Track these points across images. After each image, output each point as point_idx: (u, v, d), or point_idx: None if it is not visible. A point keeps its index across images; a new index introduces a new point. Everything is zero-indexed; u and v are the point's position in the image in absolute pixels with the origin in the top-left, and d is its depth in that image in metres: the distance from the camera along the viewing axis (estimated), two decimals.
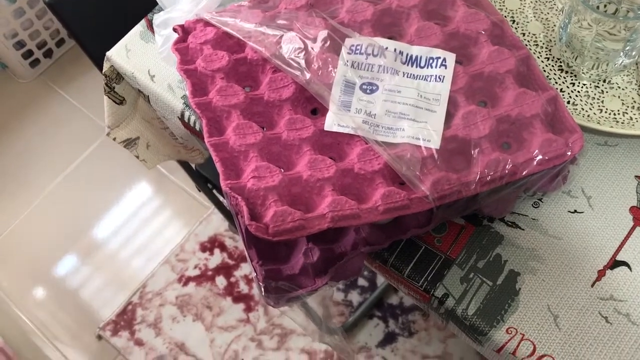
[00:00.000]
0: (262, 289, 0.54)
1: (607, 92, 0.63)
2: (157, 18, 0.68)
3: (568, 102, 0.63)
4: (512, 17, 0.68)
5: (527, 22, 0.68)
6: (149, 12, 0.78)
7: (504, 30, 0.60)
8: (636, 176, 0.60)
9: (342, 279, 0.57)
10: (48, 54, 1.82)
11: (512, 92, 0.56)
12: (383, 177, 0.54)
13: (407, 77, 0.58)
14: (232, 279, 1.42)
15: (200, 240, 1.49)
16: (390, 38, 0.59)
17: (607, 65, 0.61)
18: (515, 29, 0.67)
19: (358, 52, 0.58)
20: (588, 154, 0.61)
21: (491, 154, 0.53)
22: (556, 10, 0.68)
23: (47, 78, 1.82)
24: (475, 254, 0.58)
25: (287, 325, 1.33)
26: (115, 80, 0.80)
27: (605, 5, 0.61)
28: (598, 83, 0.63)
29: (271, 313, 1.35)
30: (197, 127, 0.70)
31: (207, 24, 0.62)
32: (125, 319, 1.41)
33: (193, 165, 1.08)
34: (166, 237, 1.51)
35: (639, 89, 0.63)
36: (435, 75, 0.57)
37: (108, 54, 0.77)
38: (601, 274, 0.56)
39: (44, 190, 1.62)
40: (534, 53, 0.66)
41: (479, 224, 0.59)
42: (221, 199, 1.20)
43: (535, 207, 0.59)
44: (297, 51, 0.57)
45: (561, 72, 0.65)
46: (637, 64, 0.64)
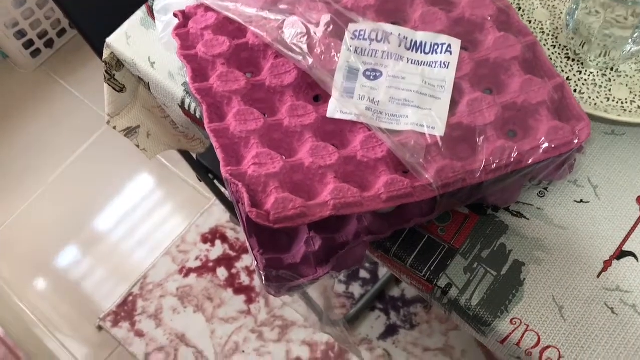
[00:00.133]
0: (263, 278, 0.54)
1: (614, 80, 0.62)
2: (158, 4, 0.67)
3: (575, 91, 0.61)
4: (518, 4, 0.67)
5: (534, 10, 0.66)
6: None
7: (510, 17, 0.59)
8: None
9: (343, 268, 0.57)
10: (49, 44, 1.81)
11: (518, 79, 0.55)
12: (386, 165, 0.53)
13: (412, 63, 0.57)
14: (234, 271, 1.42)
15: (202, 232, 1.48)
16: (394, 24, 0.58)
17: (614, 52, 0.60)
18: (522, 16, 0.66)
19: (362, 37, 0.57)
20: (595, 143, 0.60)
21: (496, 142, 0.52)
22: None
23: (48, 68, 1.81)
24: (480, 243, 0.57)
25: (288, 317, 1.32)
26: (115, 68, 0.79)
27: None
28: (605, 71, 0.62)
29: (272, 305, 1.34)
30: (198, 114, 0.69)
31: (208, 9, 0.61)
32: (125, 310, 1.40)
33: (194, 155, 1.08)
34: (167, 228, 1.50)
35: None
36: (440, 62, 0.56)
37: (108, 40, 0.76)
38: (607, 264, 0.55)
39: (45, 181, 1.62)
40: (540, 41, 0.65)
41: (483, 213, 0.58)
42: (222, 189, 1.19)
43: (541, 197, 0.58)
44: (300, 36, 0.56)
45: (568, 60, 0.64)
46: None
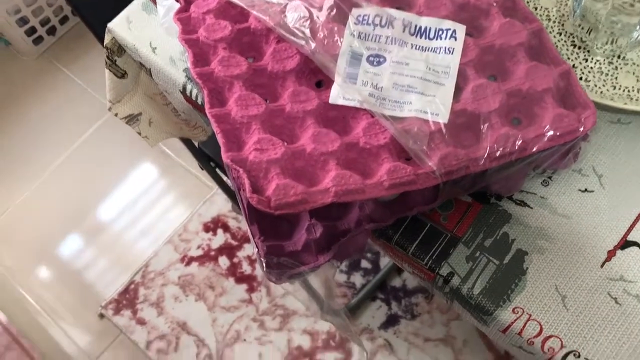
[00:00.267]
0: (264, 265, 0.53)
1: (621, 68, 0.61)
2: None
3: (580, 79, 0.61)
4: None
5: None
6: None
7: (516, 3, 0.58)
8: None
9: (345, 256, 0.56)
10: (51, 31, 1.80)
11: (523, 66, 0.54)
12: (389, 152, 0.52)
13: (416, 48, 0.56)
14: (235, 260, 1.42)
15: (204, 221, 1.48)
16: (398, 8, 0.57)
17: (622, 40, 0.59)
18: (528, 2, 0.65)
19: (365, 22, 0.56)
20: (600, 131, 0.59)
21: (501, 129, 0.52)
22: None
23: (50, 56, 1.80)
24: (482, 232, 0.57)
25: (289, 306, 1.32)
26: (116, 53, 0.78)
27: None
28: (612, 59, 0.61)
29: (274, 294, 1.34)
30: (199, 100, 0.69)
31: None
32: (127, 298, 1.40)
33: (196, 143, 1.07)
34: (169, 217, 1.50)
35: None
36: (445, 47, 0.55)
37: (109, 25, 0.75)
38: (611, 254, 0.54)
39: (48, 168, 1.61)
40: (546, 28, 0.64)
41: (486, 202, 0.58)
42: (224, 177, 1.19)
43: (545, 186, 0.58)
44: (302, 20, 0.55)
45: (574, 48, 0.63)
46: None
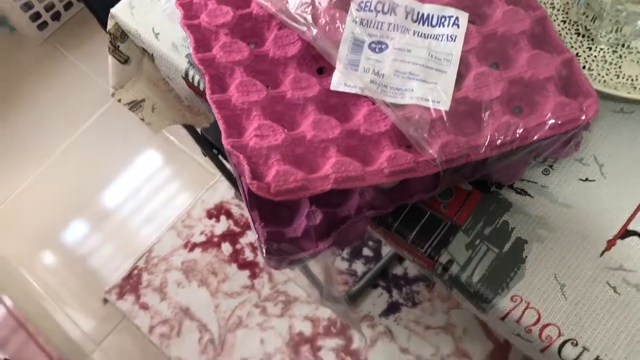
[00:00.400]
0: (264, 251, 0.54)
1: (625, 57, 0.60)
2: None
3: (584, 67, 0.60)
4: None
5: None
6: None
7: None
8: None
9: (345, 243, 0.56)
10: (56, 16, 1.80)
11: (525, 54, 0.54)
12: (390, 140, 0.52)
13: (418, 36, 0.56)
14: (238, 246, 1.42)
15: (207, 207, 1.49)
16: None
17: (626, 28, 0.59)
18: None
19: (367, 9, 0.56)
20: (602, 120, 0.59)
21: (502, 117, 0.52)
22: None
23: (55, 41, 1.80)
24: (482, 220, 0.57)
25: (291, 292, 1.33)
26: (119, 39, 0.78)
27: None
28: (616, 47, 0.61)
29: (276, 280, 1.35)
30: (202, 87, 0.69)
31: None
32: (130, 283, 1.41)
33: (199, 130, 1.07)
34: (173, 203, 1.51)
35: None
36: (447, 35, 0.55)
37: (112, 10, 0.75)
38: (611, 243, 0.54)
39: (52, 154, 1.62)
40: (550, 16, 0.63)
41: (487, 190, 0.58)
42: (227, 164, 1.19)
43: (546, 175, 0.58)
44: (304, 6, 0.55)
45: (578, 36, 0.62)
46: None
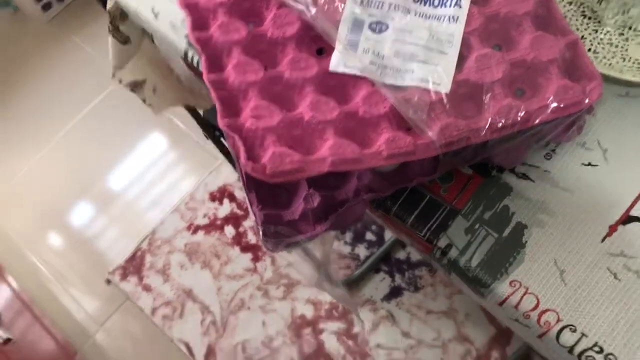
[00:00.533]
0: (261, 233, 0.53)
1: (632, 39, 0.59)
2: None
3: (589, 50, 0.59)
4: None
5: None
6: None
7: None
8: None
9: (343, 226, 0.56)
10: None
11: (528, 36, 0.52)
12: (389, 122, 0.51)
13: (419, 16, 0.55)
14: (241, 229, 1.42)
15: (210, 190, 1.48)
16: None
17: (634, 10, 0.57)
18: None
19: None
20: (607, 104, 0.58)
21: (503, 100, 0.51)
22: None
23: (59, 22, 1.79)
24: (482, 205, 0.56)
25: (293, 275, 1.33)
26: (119, 19, 0.77)
27: None
28: (623, 30, 0.60)
29: (278, 263, 1.35)
30: (201, 68, 0.68)
31: None
32: (134, 265, 1.42)
33: (200, 112, 1.07)
34: (176, 185, 1.51)
35: None
36: (449, 16, 0.54)
37: None
38: (613, 229, 0.53)
39: (56, 135, 1.62)
40: None
41: (487, 174, 0.57)
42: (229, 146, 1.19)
43: (548, 159, 0.57)
44: None
45: (584, 18, 0.61)
46: None
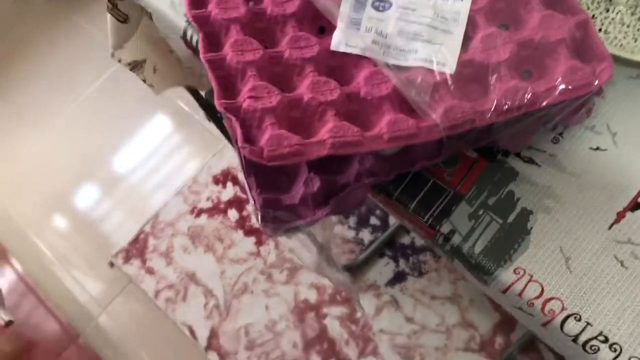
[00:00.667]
0: (259, 218, 0.52)
1: None
2: None
3: (600, 30, 0.57)
4: None
5: None
6: None
7: None
8: None
9: (343, 211, 0.55)
10: None
11: (537, 14, 0.51)
12: (391, 103, 0.50)
13: None
14: (244, 213, 1.41)
15: (213, 173, 1.47)
16: None
17: None
18: None
19: None
20: (617, 86, 0.56)
21: (510, 82, 0.49)
22: None
23: (58, 2, 1.77)
24: (487, 190, 0.54)
25: (297, 260, 1.32)
26: None
27: None
28: (635, 9, 0.57)
29: (281, 247, 1.34)
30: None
31: None
32: (137, 248, 1.41)
33: (202, 93, 1.05)
34: (180, 169, 1.50)
35: None
36: None
37: None
38: (620, 216, 0.52)
39: (59, 117, 1.61)
40: None
41: (492, 158, 0.55)
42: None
43: (555, 143, 0.55)
44: None
45: None
46: None
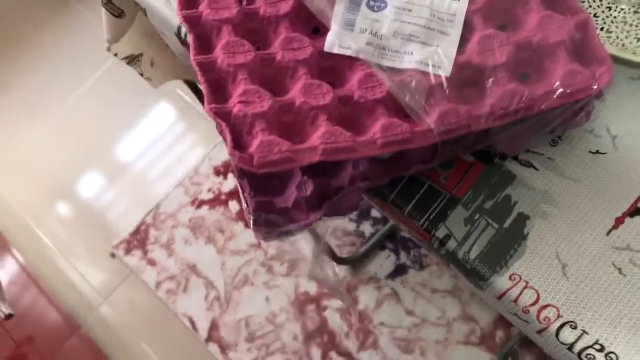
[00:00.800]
0: (251, 222, 0.51)
1: None
2: None
3: (601, 29, 0.56)
4: None
5: None
6: None
7: None
8: None
9: (337, 214, 0.54)
10: None
11: (535, 15, 0.49)
12: (385, 107, 0.49)
13: None
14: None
15: (214, 164, 1.47)
16: None
17: None
18: None
19: None
20: (618, 88, 0.55)
21: (507, 85, 0.48)
22: None
23: None
24: (483, 193, 0.53)
25: (297, 252, 1.32)
26: None
27: None
28: (638, 8, 0.56)
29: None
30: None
31: None
32: (138, 239, 1.41)
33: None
34: (181, 160, 1.49)
35: None
36: None
37: None
38: (619, 221, 0.51)
39: (60, 106, 1.60)
40: None
41: (489, 161, 0.54)
42: None
43: (553, 145, 0.54)
44: None
45: None
46: None
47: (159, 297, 1.34)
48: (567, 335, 0.48)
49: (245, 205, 0.52)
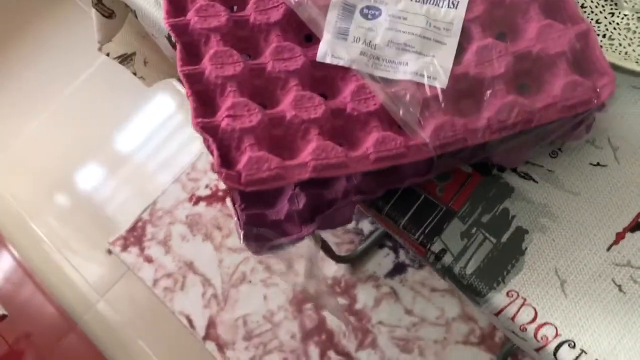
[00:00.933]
0: (242, 236, 0.50)
1: None
2: None
3: (604, 36, 0.54)
4: None
5: None
6: None
7: None
8: None
9: (330, 227, 0.53)
10: None
11: (535, 24, 0.47)
12: (379, 120, 0.47)
13: (416, 1, 0.50)
14: None
15: (212, 160, 1.45)
16: None
17: None
18: None
19: None
20: (620, 98, 0.53)
21: (505, 97, 0.46)
22: None
23: None
24: (481, 207, 0.52)
25: (295, 250, 1.31)
26: None
27: None
28: None
29: None
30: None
31: None
32: (135, 236, 1.40)
33: None
34: (178, 155, 1.48)
35: None
36: (448, 1, 0.49)
37: None
38: (620, 236, 0.49)
39: (57, 99, 1.58)
40: None
41: (487, 173, 0.53)
42: None
43: (553, 157, 0.52)
44: None
45: (599, 0, 0.55)
46: None
47: (156, 295, 1.34)
48: (566, 354, 0.47)
49: (236, 218, 0.51)
